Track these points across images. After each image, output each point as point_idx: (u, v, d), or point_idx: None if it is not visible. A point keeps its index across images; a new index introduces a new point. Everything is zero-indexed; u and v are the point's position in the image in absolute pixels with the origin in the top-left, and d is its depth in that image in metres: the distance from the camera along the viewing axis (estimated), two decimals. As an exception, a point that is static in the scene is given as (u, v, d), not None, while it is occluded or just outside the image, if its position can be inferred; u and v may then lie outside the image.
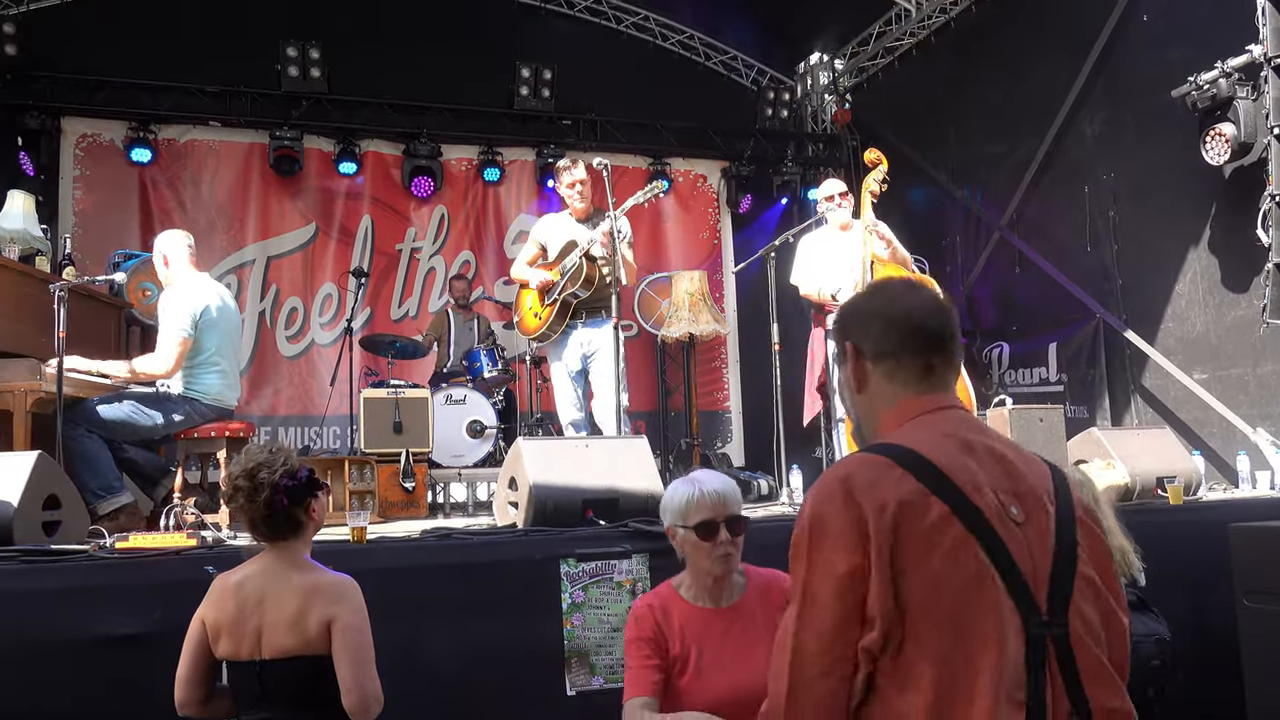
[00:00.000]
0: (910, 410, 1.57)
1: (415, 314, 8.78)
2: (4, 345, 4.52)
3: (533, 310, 5.58)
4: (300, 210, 8.57)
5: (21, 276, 4.80)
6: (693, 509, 2.50)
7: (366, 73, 8.52)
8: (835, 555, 1.41)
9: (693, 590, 2.54)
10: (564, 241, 5.50)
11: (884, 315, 1.62)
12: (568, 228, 5.57)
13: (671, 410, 8.82)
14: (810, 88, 10.20)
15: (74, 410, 4.54)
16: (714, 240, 9.78)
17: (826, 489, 1.46)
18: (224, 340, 4.94)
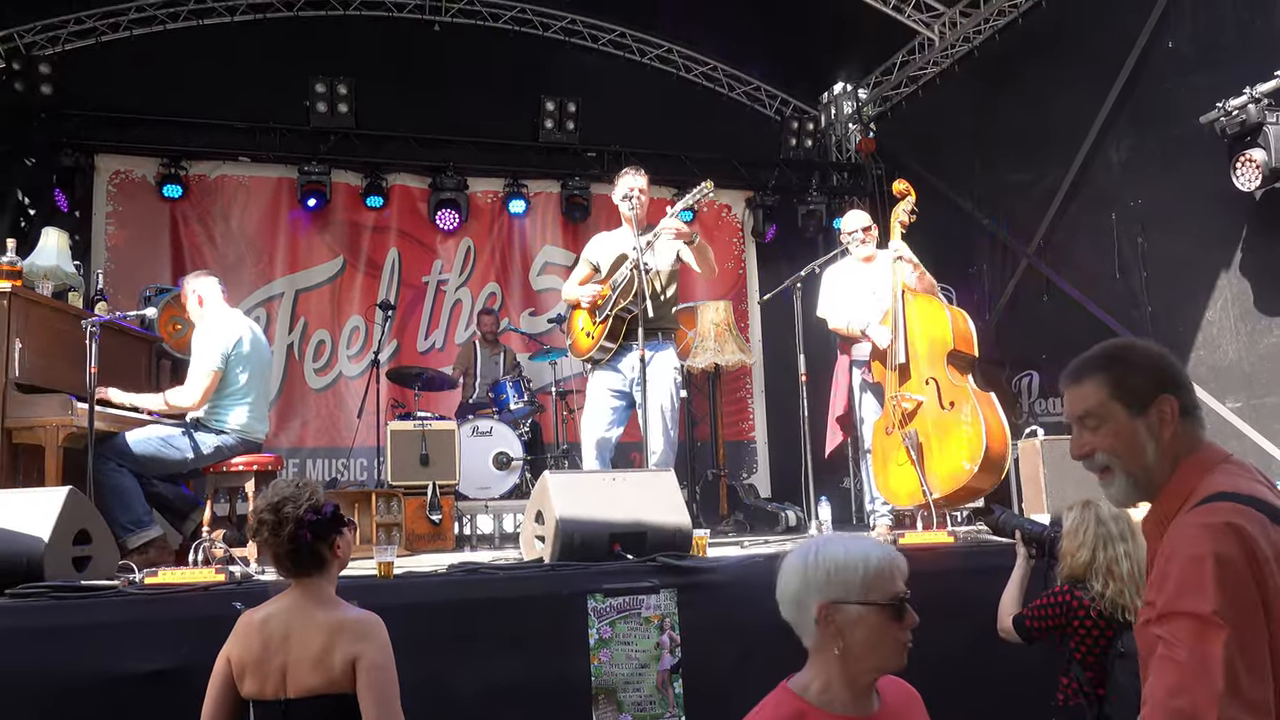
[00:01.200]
0: (1212, 458, 1.73)
1: (442, 346, 8.81)
2: (37, 380, 4.56)
3: (584, 330, 5.18)
4: (328, 244, 8.65)
5: (54, 313, 4.86)
6: (884, 579, 1.86)
7: (393, 107, 8.63)
8: (1242, 592, 1.50)
9: (834, 695, 1.87)
10: (615, 256, 5.20)
11: (1186, 375, 1.81)
12: (619, 242, 5.24)
13: (697, 440, 8.76)
14: (834, 117, 10.22)
15: (105, 445, 4.58)
16: (739, 270, 9.77)
17: (1221, 533, 1.54)
18: (254, 374, 4.98)
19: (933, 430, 4.89)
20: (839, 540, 1.94)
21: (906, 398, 4.97)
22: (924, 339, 5.04)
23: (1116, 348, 1.85)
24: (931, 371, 4.97)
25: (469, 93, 8.81)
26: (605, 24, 9.55)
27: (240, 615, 2.58)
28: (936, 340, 5.01)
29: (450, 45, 9.01)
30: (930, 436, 4.89)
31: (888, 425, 5.12)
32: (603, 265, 5.28)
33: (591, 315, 5.15)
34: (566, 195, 9.13)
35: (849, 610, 1.84)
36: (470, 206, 8.94)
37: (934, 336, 5.02)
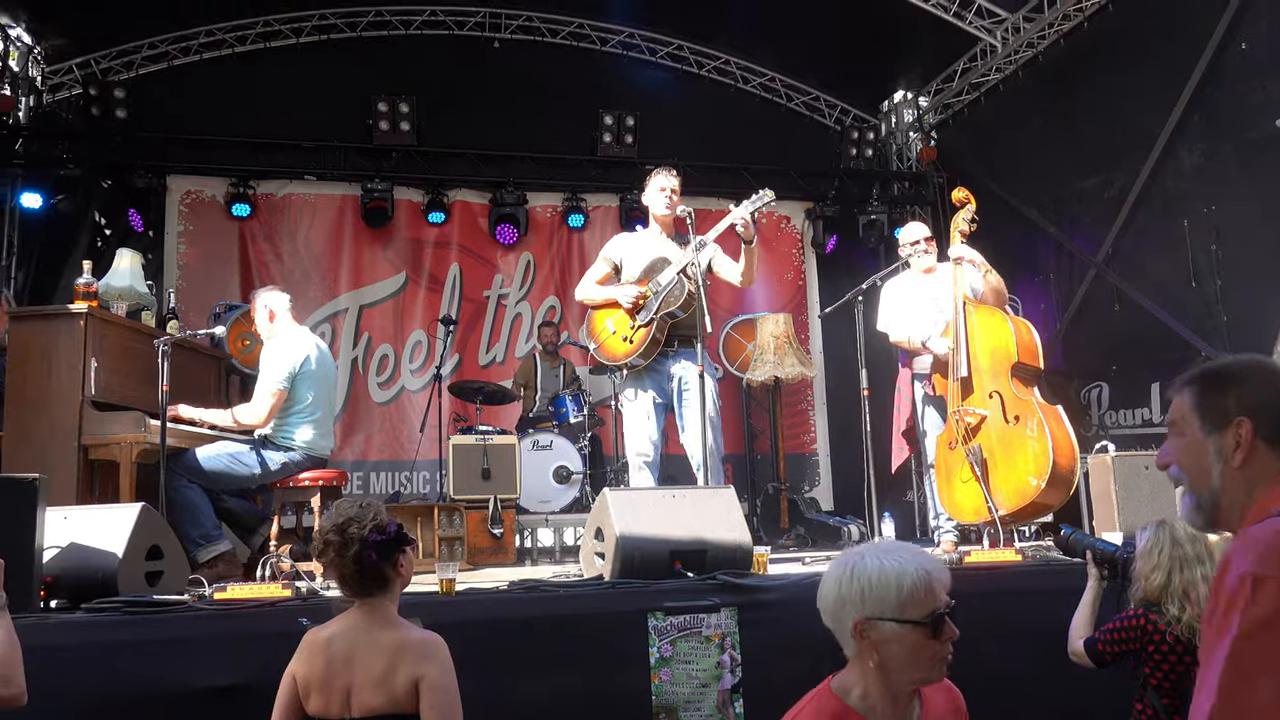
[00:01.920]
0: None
1: (502, 359, 8.90)
2: (111, 398, 4.70)
3: (619, 334, 4.92)
4: (390, 260, 8.79)
5: (128, 332, 4.99)
6: (919, 596, 1.84)
7: (454, 124, 8.76)
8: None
9: (874, 703, 1.89)
10: (651, 258, 4.95)
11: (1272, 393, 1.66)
12: (653, 243, 5.05)
13: (758, 453, 8.73)
14: (894, 126, 10.11)
15: (176, 460, 4.69)
16: (799, 281, 9.70)
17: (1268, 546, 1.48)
18: (320, 391, 5.06)
19: (997, 445, 4.79)
20: (875, 554, 1.92)
21: (970, 412, 4.89)
22: (986, 351, 4.94)
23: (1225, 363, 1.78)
24: (995, 385, 4.88)
25: (528, 108, 8.88)
26: (663, 37, 9.57)
27: (305, 633, 2.61)
28: (999, 352, 4.91)
29: (509, 62, 9.11)
30: (995, 451, 4.80)
31: (951, 440, 5.02)
32: (628, 265, 5.03)
33: (630, 317, 4.90)
34: (625, 208, 9.16)
35: (884, 627, 1.85)
36: (530, 221, 9.01)
37: (996, 348, 4.92)
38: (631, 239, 5.18)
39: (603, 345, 4.99)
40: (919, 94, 9.87)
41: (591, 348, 5.08)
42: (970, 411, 4.89)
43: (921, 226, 5.64)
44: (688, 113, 9.43)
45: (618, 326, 4.94)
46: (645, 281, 4.91)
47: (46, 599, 3.40)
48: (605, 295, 4.99)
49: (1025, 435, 4.72)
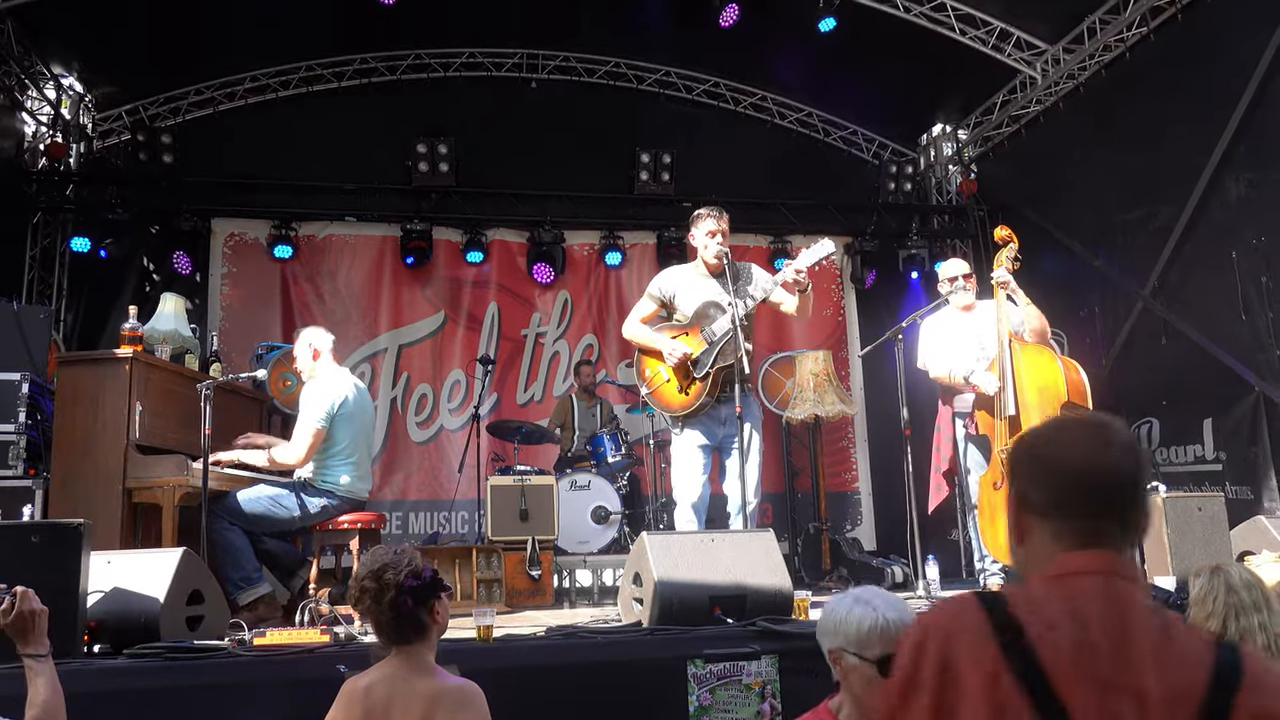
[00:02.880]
0: (1062, 567, 1.42)
1: (540, 398, 8.93)
2: (154, 441, 4.78)
3: (673, 383, 4.85)
4: (429, 299, 8.88)
5: (172, 375, 5.09)
6: (875, 640, 2.21)
7: (492, 165, 8.86)
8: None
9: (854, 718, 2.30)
10: (701, 300, 4.84)
11: (1060, 469, 1.45)
12: (702, 284, 4.91)
13: (798, 492, 8.66)
14: (934, 159, 10.08)
15: (217, 503, 4.75)
16: (838, 317, 9.67)
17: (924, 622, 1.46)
18: (358, 432, 5.11)
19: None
20: (853, 598, 2.31)
21: (1016, 452, 4.80)
22: (1034, 389, 4.88)
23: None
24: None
25: (565, 147, 8.98)
26: (698, 74, 9.64)
27: (344, 681, 2.62)
28: (1048, 391, 4.85)
29: (546, 102, 9.22)
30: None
31: (995, 480, 4.96)
32: (680, 306, 4.92)
33: (684, 369, 4.80)
34: (662, 245, 9.19)
35: (847, 658, 2.25)
36: (567, 259, 9.08)
37: (1045, 386, 4.86)
38: (680, 276, 5.03)
39: (657, 392, 4.93)
40: (958, 126, 9.85)
41: (644, 392, 5.00)
42: (1016, 452, 4.80)
43: (960, 263, 5.61)
44: (724, 149, 9.49)
45: (672, 375, 4.86)
46: (697, 328, 4.82)
47: (90, 644, 3.45)
48: (652, 342, 4.90)
49: None
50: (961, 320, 5.42)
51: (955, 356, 5.29)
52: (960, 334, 5.36)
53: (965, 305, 5.43)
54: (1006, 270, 5.14)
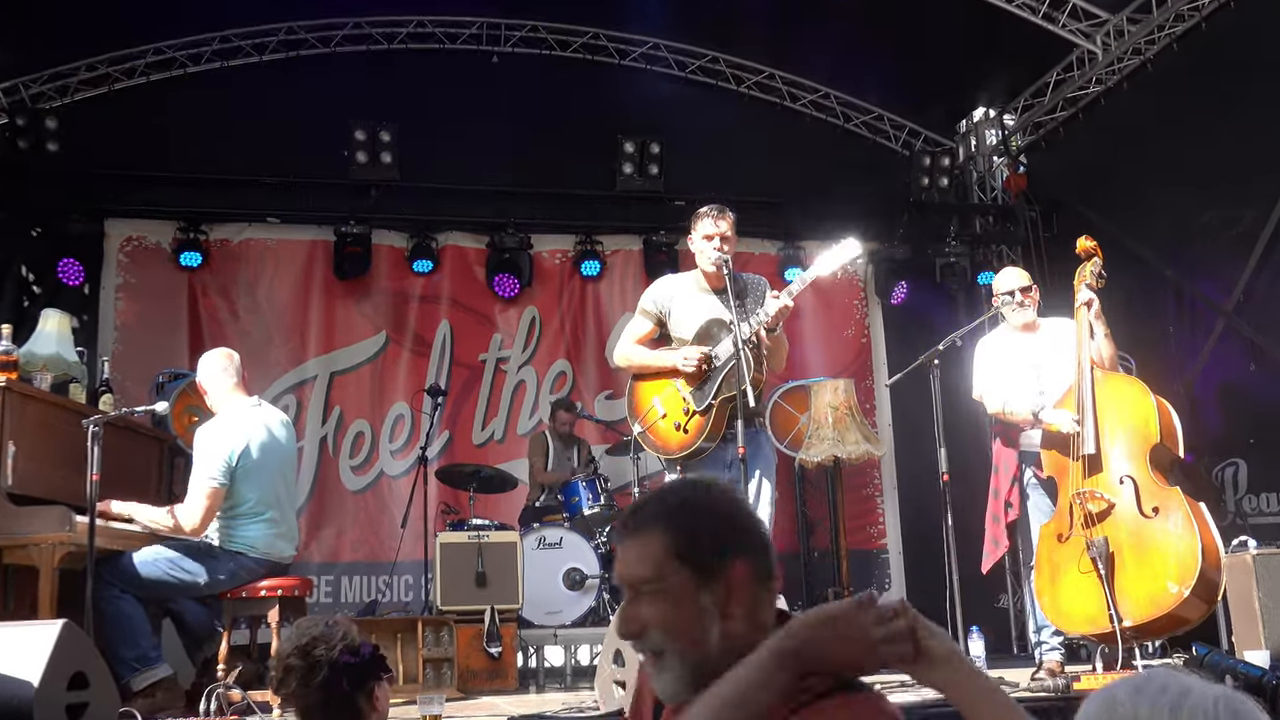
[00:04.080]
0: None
1: (501, 437, 8.89)
2: (31, 490, 4.72)
3: (670, 419, 4.83)
4: (368, 317, 8.85)
5: (53, 409, 5.04)
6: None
7: (444, 156, 8.87)
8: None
9: None
10: (704, 318, 4.86)
11: (755, 521, 1.69)
12: (700, 300, 4.93)
13: (814, 550, 8.64)
14: (975, 150, 10.17)
15: (107, 566, 4.70)
16: (861, 338, 9.70)
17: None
18: (270, 485, 5.06)
19: (1128, 540, 4.76)
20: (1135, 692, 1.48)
21: (1095, 496, 4.85)
22: (1121, 427, 4.94)
23: (677, 492, 1.77)
24: (1130, 468, 4.87)
25: (532, 135, 9.00)
26: (693, 48, 9.69)
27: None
28: (1138, 431, 4.91)
29: (510, 80, 9.24)
30: (1124, 548, 4.76)
31: (1061, 531, 4.97)
32: (677, 323, 4.93)
33: (682, 399, 4.80)
34: (650, 252, 9.21)
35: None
36: (535, 269, 9.07)
37: (1135, 425, 4.93)
38: (676, 288, 5.06)
39: (653, 430, 4.92)
40: (1004, 111, 9.93)
41: (637, 430, 5.01)
42: (1096, 496, 4.85)
43: (1017, 274, 5.61)
44: (724, 137, 9.52)
45: (669, 408, 4.85)
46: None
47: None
48: (655, 359, 4.91)
49: (1165, 531, 4.70)
50: (1019, 343, 5.44)
51: (1012, 388, 5.31)
52: (1017, 360, 5.38)
53: (1025, 324, 5.44)
54: (1090, 288, 5.19)
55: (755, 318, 4.69)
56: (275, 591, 5.01)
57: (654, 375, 4.93)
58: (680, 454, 4.83)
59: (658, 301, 5.00)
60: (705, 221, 4.87)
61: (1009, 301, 5.44)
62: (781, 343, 4.85)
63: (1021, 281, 5.51)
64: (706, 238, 4.84)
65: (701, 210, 4.95)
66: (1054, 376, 5.28)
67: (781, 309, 4.62)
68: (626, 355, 5.05)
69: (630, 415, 5.08)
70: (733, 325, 4.62)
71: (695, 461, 4.82)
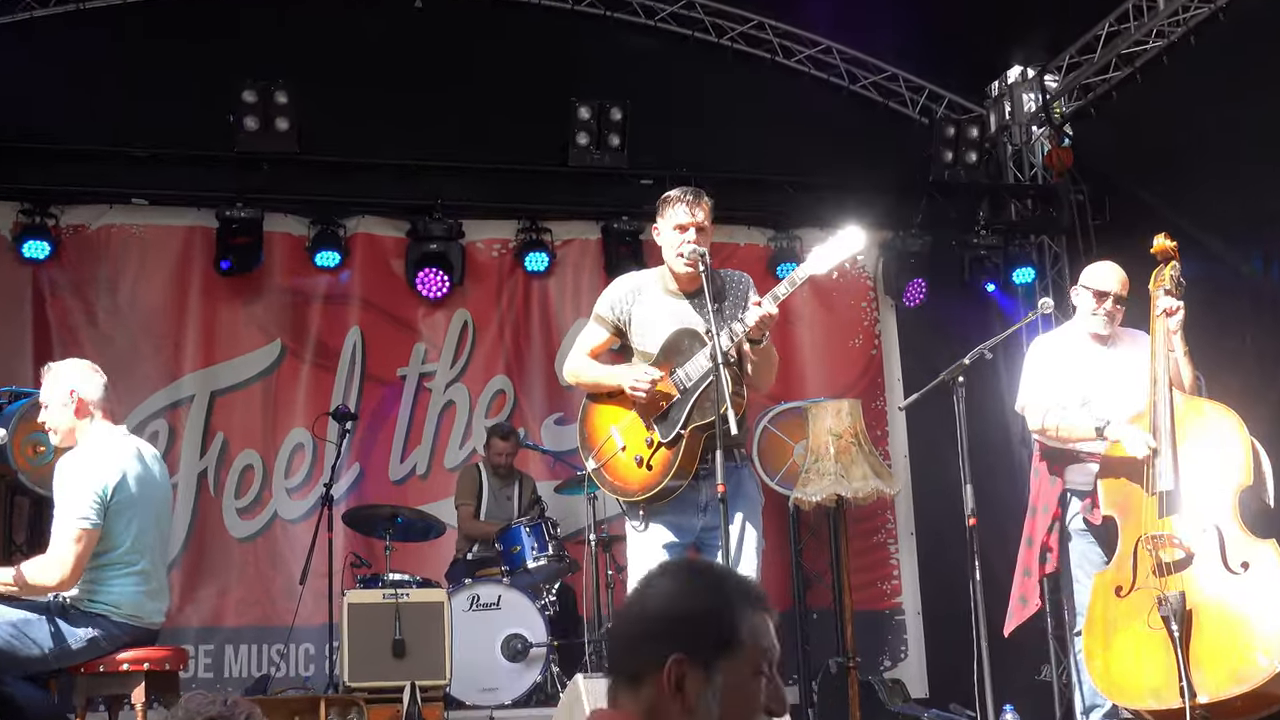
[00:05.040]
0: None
1: (425, 471, 8.85)
2: None
3: (631, 451, 4.78)
4: (259, 322, 8.78)
5: None
6: None
7: (355, 123, 8.87)
8: None
9: None
10: (673, 327, 4.80)
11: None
12: (668, 304, 4.89)
13: (812, 611, 8.64)
14: (1010, 118, 10.24)
15: (-72, 635, 4.63)
16: (870, 349, 9.73)
17: None
18: (146, 528, 5.00)
19: (1208, 599, 4.70)
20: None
21: (1170, 542, 4.80)
22: (1206, 463, 4.90)
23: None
24: (1214, 514, 4.81)
25: (465, 98, 8.99)
26: (665, -9, 9.70)
27: None
28: (1227, 469, 4.88)
29: (439, 31, 9.21)
30: (1203, 607, 4.69)
31: (1122, 582, 4.94)
32: (641, 335, 4.89)
33: (645, 424, 4.75)
34: (611, 243, 9.22)
35: None
36: (468, 263, 9.03)
37: (1225, 463, 4.89)
38: (640, 289, 4.99)
39: (609, 465, 4.86)
40: (1044, 70, 9.98)
41: (590, 466, 4.93)
42: (1172, 542, 4.81)
43: (1119, 276, 5.47)
44: (702, 101, 9.55)
45: (629, 439, 4.80)
46: (667, 368, 4.75)
47: None
48: (606, 378, 4.89)
49: (1257, 591, 4.64)
50: (1087, 352, 5.43)
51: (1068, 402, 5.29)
52: (1082, 371, 5.37)
53: (1102, 333, 5.45)
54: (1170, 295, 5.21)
55: (735, 326, 4.68)
56: (141, 665, 4.93)
57: (611, 397, 4.89)
58: (643, 495, 4.76)
59: (616, 305, 4.95)
60: (677, 209, 4.81)
61: (1101, 309, 5.37)
62: (769, 356, 4.80)
63: (1118, 289, 5.41)
64: (678, 228, 4.78)
65: (672, 194, 4.87)
66: (1125, 400, 5.24)
67: (764, 318, 4.56)
68: (576, 369, 5.01)
69: (582, 447, 5.01)
70: (709, 336, 4.59)
71: (662, 504, 4.76)
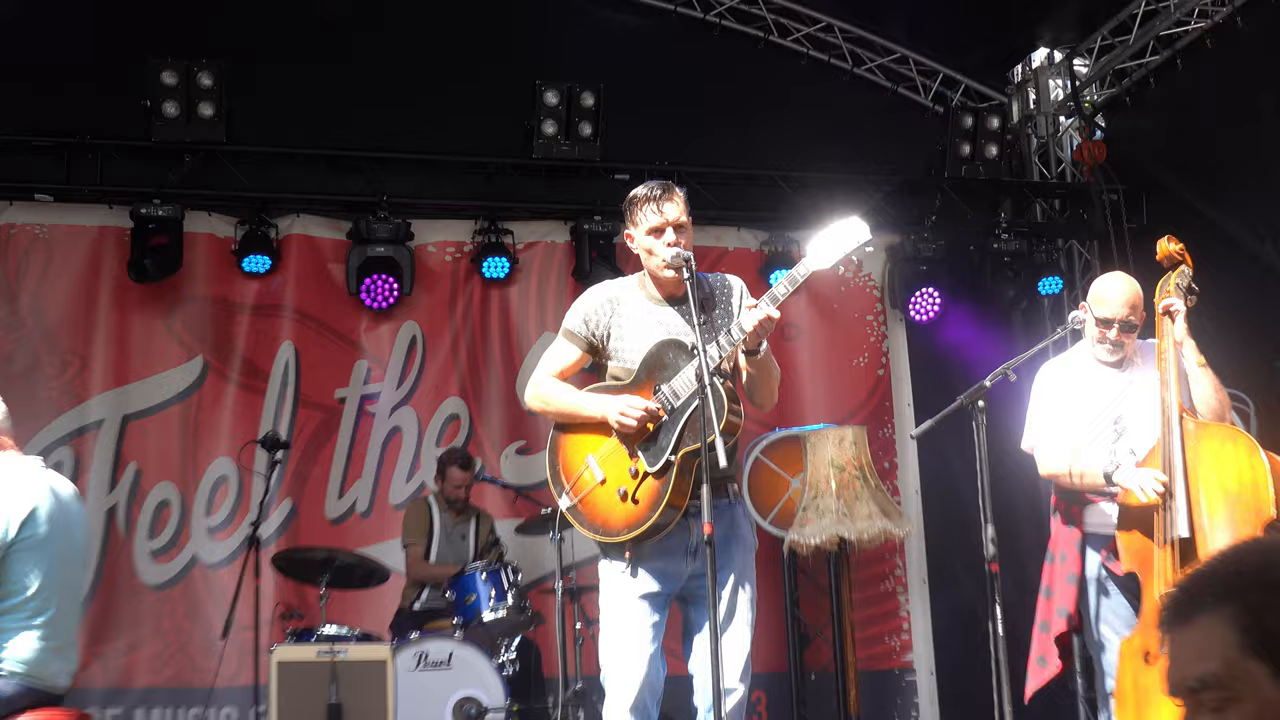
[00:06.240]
0: None
1: (366, 508, 8.83)
2: None
3: (612, 485, 4.71)
4: (178, 336, 8.75)
5: None
6: None
7: (289, 107, 8.89)
8: None
9: None
10: (653, 342, 4.77)
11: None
12: (651, 314, 4.86)
13: (810, 671, 8.64)
14: (1035, 107, 10.29)
15: None
16: (877, 368, 9.76)
17: None
18: (55, 575, 4.95)
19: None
20: None
21: (1194, 599, 4.83)
22: (1223, 498, 4.90)
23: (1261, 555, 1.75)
24: None
25: (414, 82, 9.02)
26: (642, -40, 9.75)
27: None
28: (1245, 503, 4.87)
29: (386, 4, 9.24)
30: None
31: (1150, 646, 4.95)
32: (621, 350, 4.86)
33: (630, 453, 4.68)
34: (581, 246, 9.21)
35: None
36: (417, 268, 9.02)
37: (1240, 495, 4.89)
38: (617, 299, 4.94)
39: (585, 503, 4.80)
40: (1074, 54, 10.03)
41: (565, 504, 4.85)
42: (1195, 599, 4.83)
43: (1128, 296, 5.34)
44: (683, 86, 9.56)
45: (610, 470, 4.73)
46: (649, 387, 4.70)
47: None
48: (580, 408, 4.83)
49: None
50: (1096, 377, 5.43)
51: (1086, 438, 5.31)
52: (1091, 400, 5.38)
53: (1113, 358, 5.42)
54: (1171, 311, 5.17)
55: (726, 336, 4.63)
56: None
57: (585, 425, 4.83)
58: (627, 534, 4.67)
59: (590, 319, 4.88)
60: (645, 211, 4.75)
61: (1106, 329, 5.31)
62: (768, 368, 4.77)
63: (1124, 314, 5.30)
64: (652, 232, 4.73)
65: (637, 194, 4.81)
66: (1143, 428, 5.24)
67: (763, 321, 4.48)
68: (544, 395, 4.91)
69: (553, 480, 4.92)
70: (696, 350, 4.50)
71: (649, 544, 4.69)
